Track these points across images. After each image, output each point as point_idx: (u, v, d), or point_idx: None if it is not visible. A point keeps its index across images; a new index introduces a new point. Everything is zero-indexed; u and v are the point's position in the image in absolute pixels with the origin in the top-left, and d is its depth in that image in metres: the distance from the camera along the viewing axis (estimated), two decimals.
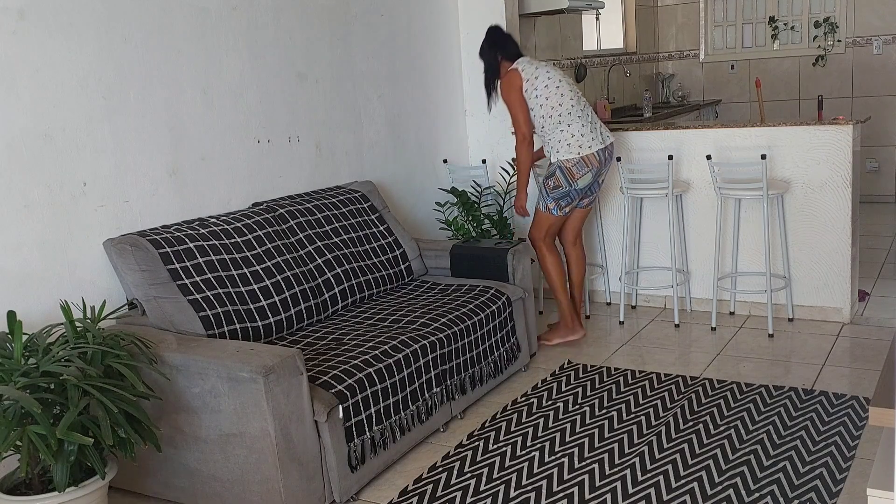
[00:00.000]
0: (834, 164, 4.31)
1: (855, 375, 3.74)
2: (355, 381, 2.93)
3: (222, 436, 2.74)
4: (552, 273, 4.30)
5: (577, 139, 4.08)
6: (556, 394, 3.74)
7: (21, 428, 2.32)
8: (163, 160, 3.40)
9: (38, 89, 2.94)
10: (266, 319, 3.29)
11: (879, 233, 6.23)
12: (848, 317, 4.43)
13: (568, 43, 6.31)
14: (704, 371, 3.90)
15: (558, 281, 4.31)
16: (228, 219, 3.49)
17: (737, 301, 4.68)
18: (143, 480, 2.96)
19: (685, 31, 8.00)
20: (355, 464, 2.92)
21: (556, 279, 4.30)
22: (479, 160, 5.22)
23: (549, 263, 4.30)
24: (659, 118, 6.50)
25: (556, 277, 4.30)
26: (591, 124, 4.13)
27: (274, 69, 3.93)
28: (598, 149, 4.11)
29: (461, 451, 3.25)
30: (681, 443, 3.19)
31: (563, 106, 4.11)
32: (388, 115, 4.73)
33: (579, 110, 4.12)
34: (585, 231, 4.99)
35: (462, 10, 5.23)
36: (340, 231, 3.88)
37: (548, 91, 4.11)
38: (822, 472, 2.89)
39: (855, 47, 7.30)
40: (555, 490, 2.91)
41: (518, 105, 4.13)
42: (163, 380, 2.76)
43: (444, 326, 3.44)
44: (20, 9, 2.87)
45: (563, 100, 4.11)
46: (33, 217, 2.94)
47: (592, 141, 4.10)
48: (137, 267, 3.07)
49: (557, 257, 4.34)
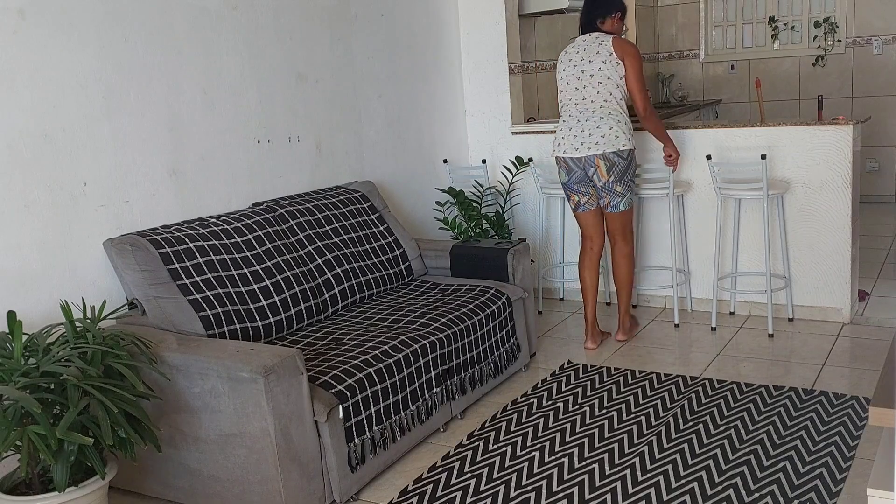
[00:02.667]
0: (834, 164, 4.31)
1: (855, 375, 3.74)
2: (355, 381, 2.93)
3: (222, 436, 2.74)
4: (579, 276, 4.40)
5: (557, 136, 4.19)
6: (556, 394, 3.74)
7: (21, 428, 2.32)
8: (163, 160, 3.40)
9: (38, 89, 2.94)
10: (266, 319, 3.29)
11: (879, 233, 6.23)
12: (848, 317, 4.43)
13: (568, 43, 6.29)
14: (704, 371, 3.90)
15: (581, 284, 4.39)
16: (228, 219, 3.49)
17: (737, 301, 4.68)
18: (143, 480, 2.96)
19: (685, 31, 8.00)
20: (355, 464, 2.92)
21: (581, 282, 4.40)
22: (479, 160, 5.22)
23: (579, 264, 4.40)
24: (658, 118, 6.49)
25: (580, 281, 4.39)
26: (576, 126, 4.09)
27: (274, 69, 3.93)
28: (569, 157, 4.13)
29: (461, 451, 3.25)
30: (681, 443, 3.19)
31: (562, 98, 4.20)
32: (388, 115, 4.73)
33: (572, 106, 4.13)
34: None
35: (462, 10, 5.24)
36: (340, 231, 3.88)
37: (558, 77, 4.23)
38: (822, 472, 2.89)
39: (855, 47, 7.30)
40: (555, 490, 2.91)
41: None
42: (163, 380, 2.76)
43: (444, 326, 3.44)
44: (20, 9, 2.87)
45: (561, 95, 4.20)
46: (33, 217, 2.94)
47: (566, 145, 4.13)
48: (137, 267, 3.07)
49: (583, 260, 4.34)
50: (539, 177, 4.89)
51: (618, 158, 4.04)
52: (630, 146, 4.08)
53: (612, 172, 4.07)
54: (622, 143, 4.04)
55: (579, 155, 4.08)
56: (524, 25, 5.51)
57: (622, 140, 4.04)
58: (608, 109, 4.05)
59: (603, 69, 4.05)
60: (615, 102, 4.06)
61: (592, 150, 4.04)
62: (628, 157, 4.08)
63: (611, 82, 4.05)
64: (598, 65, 4.06)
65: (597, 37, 4.14)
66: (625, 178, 4.11)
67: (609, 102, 4.05)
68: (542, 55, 5.90)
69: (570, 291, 5.22)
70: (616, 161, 4.05)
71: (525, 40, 5.56)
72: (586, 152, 4.06)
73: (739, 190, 4.30)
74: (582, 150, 4.07)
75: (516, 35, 5.24)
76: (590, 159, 4.06)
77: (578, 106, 4.11)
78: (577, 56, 4.15)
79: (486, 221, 4.84)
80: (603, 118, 4.04)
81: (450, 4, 5.19)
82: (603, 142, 4.03)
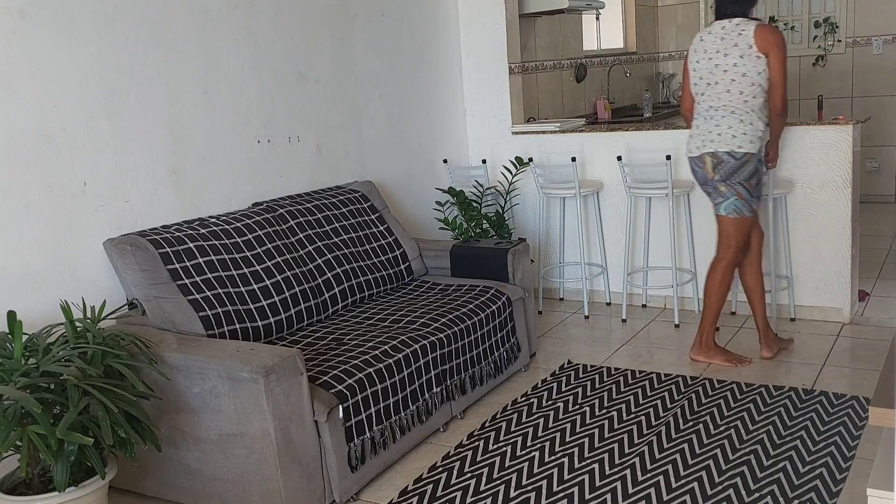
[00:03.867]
0: (834, 164, 4.31)
1: (855, 375, 3.74)
2: (355, 381, 2.93)
3: (222, 436, 2.74)
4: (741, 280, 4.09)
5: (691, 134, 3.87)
6: (556, 394, 3.74)
7: (21, 428, 2.32)
8: (163, 160, 3.40)
9: (38, 89, 2.94)
10: (266, 319, 3.29)
11: (879, 233, 6.23)
12: (848, 317, 4.43)
13: (568, 43, 6.31)
14: (704, 371, 3.90)
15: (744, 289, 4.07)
16: (228, 219, 3.49)
17: (738, 301, 4.68)
18: (143, 480, 2.96)
19: (685, 31, 7.99)
20: (355, 464, 2.92)
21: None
22: (479, 160, 5.22)
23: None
24: (659, 118, 6.50)
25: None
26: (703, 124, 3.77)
27: (274, 69, 3.93)
28: (689, 157, 3.85)
29: (461, 451, 3.25)
30: (681, 443, 3.19)
31: (694, 91, 3.86)
32: (388, 115, 4.73)
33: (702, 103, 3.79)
34: (586, 231, 5.00)
35: (462, 10, 5.24)
36: (340, 231, 3.88)
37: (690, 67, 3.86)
38: (822, 472, 2.89)
39: (855, 47, 7.30)
40: (555, 490, 2.91)
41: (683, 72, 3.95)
42: (163, 380, 2.76)
43: (444, 326, 3.44)
44: (20, 8, 2.87)
45: (694, 88, 3.86)
46: (33, 217, 2.94)
47: (690, 144, 3.84)
48: (137, 267, 3.07)
49: (741, 265, 3.97)
50: (539, 177, 4.89)
51: (728, 158, 3.67)
52: (748, 150, 3.65)
53: (718, 171, 3.71)
54: (738, 143, 3.65)
55: (693, 154, 3.81)
56: (524, 25, 5.51)
57: (738, 141, 3.65)
58: (732, 108, 3.68)
59: (739, 65, 3.64)
60: (746, 102, 3.66)
61: (703, 147, 3.75)
62: (742, 160, 3.66)
63: (746, 80, 3.64)
64: (733, 59, 3.65)
65: (737, 24, 3.67)
66: (731, 180, 3.70)
67: (737, 102, 3.67)
68: (542, 55, 5.91)
69: (569, 291, 5.22)
70: (725, 160, 3.68)
71: (525, 40, 5.57)
72: (697, 151, 3.78)
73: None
74: (700, 149, 3.78)
75: (516, 35, 5.24)
76: (701, 158, 3.77)
77: (707, 102, 3.77)
78: (712, 46, 3.72)
79: (486, 221, 4.84)
80: (725, 117, 3.69)
81: (450, 4, 5.19)
82: (718, 140, 3.69)
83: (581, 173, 4.96)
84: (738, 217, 3.77)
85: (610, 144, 4.88)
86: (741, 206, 3.75)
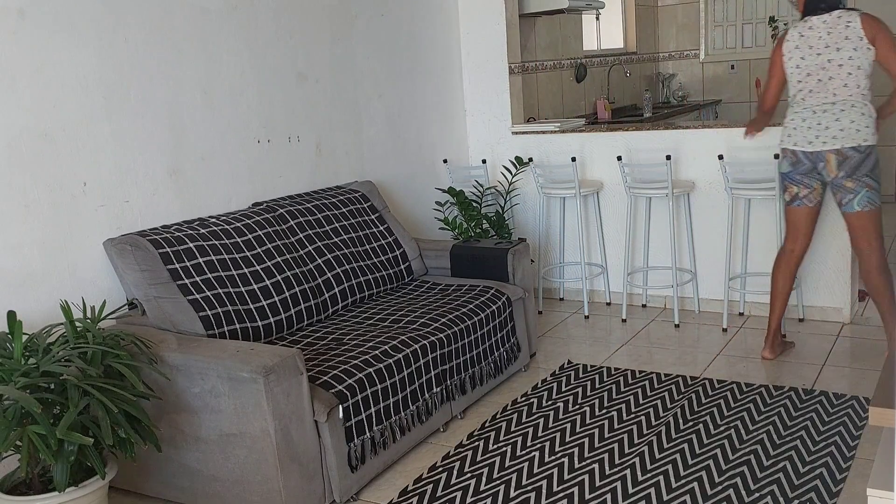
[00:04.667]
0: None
1: (855, 375, 3.74)
2: (355, 381, 2.93)
3: (222, 436, 2.74)
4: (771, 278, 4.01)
5: (787, 127, 3.78)
6: (556, 394, 3.74)
7: (21, 428, 2.32)
8: (163, 160, 3.40)
9: (38, 89, 2.94)
10: (266, 319, 3.29)
11: None
12: (848, 317, 4.43)
13: (568, 43, 6.31)
14: (704, 371, 3.90)
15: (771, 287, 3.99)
16: (228, 219, 3.49)
17: (745, 302, 4.66)
18: (143, 480, 2.96)
19: (685, 31, 8.00)
20: (355, 464, 2.92)
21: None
22: (479, 160, 5.22)
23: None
24: (659, 118, 6.50)
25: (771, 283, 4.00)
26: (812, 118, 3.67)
27: (274, 69, 3.93)
28: (800, 150, 3.70)
29: (461, 451, 3.25)
30: (681, 443, 3.19)
31: (797, 88, 3.75)
32: (388, 115, 4.73)
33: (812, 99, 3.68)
34: (586, 231, 5.00)
35: (462, 10, 5.24)
36: (340, 231, 3.88)
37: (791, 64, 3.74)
38: (822, 472, 2.89)
39: None
40: (555, 490, 2.91)
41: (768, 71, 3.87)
42: (163, 380, 2.76)
43: (444, 326, 3.44)
44: (20, 8, 2.87)
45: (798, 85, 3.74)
46: (33, 217, 2.94)
47: (797, 137, 3.71)
48: (137, 267, 3.07)
49: (778, 262, 3.95)
50: (539, 177, 4.89)
51: (853, 153, 3.58)
52: (872, 141, 3.60)
53: (843, 168, 3.61)
54: (863, 137, 3.57)
55: (812, 149, 3.65)
56: (524, 25, 5.52)
57: (864, 134, 3.58)
58: (852, 102, 3.61)
59: (854, 58, 3.57)
60: (864, 95, 3.62)
61: (828, 144, 3.61)
62: (866, 152, 3.59)
63: (861, 72, 3.59)
64: (847, 52, 3.57)
65: (839, 16, 3.59)
66: (857, 174, 3.60)
67: (856, 96, 3.61)
68: (542, 55, 5.91)
69: (570, 291, 5.22)
70: (850, 156, 3.58)
71: (525, 40, 5.57)
72: (821, 146, 3.63)
73: (750, 190, 4.28)
74: (816, 144, 3.63)
75: (516, 35, 5.24)
76: (821, 154, 3.64)
77: (818, 98, 3.66)
78: (819, 42, 3.62)
79: (486, 221, 4.84)
80: (844, 111, 3.60)
81: (450, 4, 5.19)
82: (841, 136, 3.59)
83: (581, 173, 4.96)
84: (872, 209, 3.66)
85: (610, 144, 4.88)
86: (874, 197, 3.66)
